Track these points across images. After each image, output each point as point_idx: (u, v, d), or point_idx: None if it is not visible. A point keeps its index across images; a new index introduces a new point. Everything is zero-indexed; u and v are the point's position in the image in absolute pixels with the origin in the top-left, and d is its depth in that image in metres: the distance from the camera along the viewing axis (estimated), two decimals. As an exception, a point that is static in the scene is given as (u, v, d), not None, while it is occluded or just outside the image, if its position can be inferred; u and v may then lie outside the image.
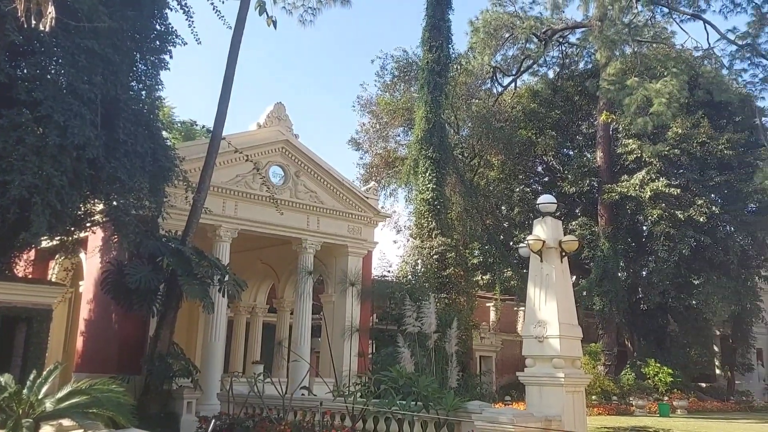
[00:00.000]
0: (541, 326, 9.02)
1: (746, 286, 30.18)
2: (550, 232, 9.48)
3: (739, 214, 29.03)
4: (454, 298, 23.98)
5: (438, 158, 25.10)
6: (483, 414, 8.28)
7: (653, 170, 27.89)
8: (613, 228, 29.58)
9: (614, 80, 24.98)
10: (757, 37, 25.86)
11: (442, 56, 25.47)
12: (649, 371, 27.41)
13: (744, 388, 32.86)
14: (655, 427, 17.57)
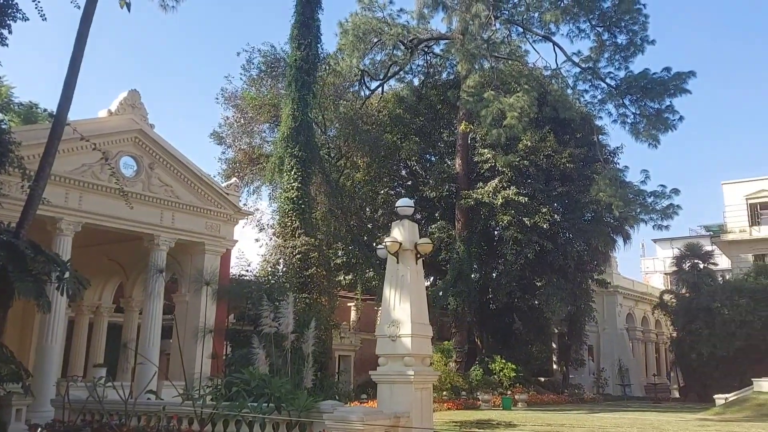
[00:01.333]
0: (395, 326, 9.28)
1: (581, 288, 33.16)
2: (406, 234, 9.78)
3: (577, 222, 31.76)
4: (315, 298, 24.00)
5: (304, 157, 25.00)
6: (334, 413, 8.34)
7: (505, 179, 29.74)
8: (468, 232, 31.15)
9: (473, 92, 26.32)
10: (598, 62, 28.52)
11: (310, 55, 25.41)
12: (495, 367, 29.21)
13: (577, 381, 36.13)
14: (498, 419, 18.74)
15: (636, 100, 28.33)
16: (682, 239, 46.49)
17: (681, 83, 27.04)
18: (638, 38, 27.14)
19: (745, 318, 31.36)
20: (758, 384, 24.31)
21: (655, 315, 44.38)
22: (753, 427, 18.24)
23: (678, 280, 37.56)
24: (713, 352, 31.87)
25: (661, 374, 46.70)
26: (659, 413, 24.12)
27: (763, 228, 38.29)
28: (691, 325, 33.63)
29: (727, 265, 41.10)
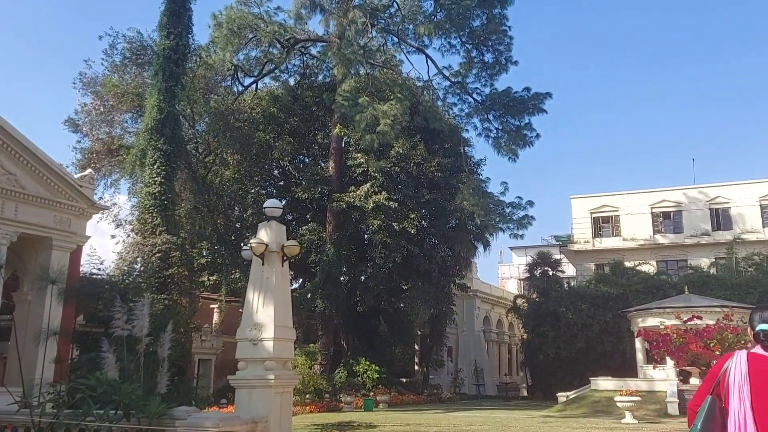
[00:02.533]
0: (257, 329, 9.10)
1: (444, 291, 34.56)
2: (273, 236, 9.64)
3: (443, 228, 33.09)
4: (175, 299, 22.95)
5: (169, 151, 23.86)
6: (188, 420, 8.01)
7: (377, 184, 30.30)
8: (339, 235, 31.35)
9: (348, 96, 26.60)
10: (466, 77, 30.00)
11: (180, 45, 24.35)
12: (359, 369, 29.62)
13: (436, 382, 37.57)
14: (359, 421, 19.00)
15: (499, 116, 30.13)
16: (535, 248, 50.08)
17: (539, 103, 29.16)
18: (503, 58, 28.90)
19: (586, 322, 34.36)
20: (595, 383, 26.69)
21: (509, 318, 47.40)
22: (588, 423, 19.98)
23: (530, 285, 40.39)
24: (557, 353, 34.58)
25: (512, 374, 49.92)
26: (508, 411, 25.71)
27: (604, 240, 42.19)
28: (539, 328, 36.27)
29: (572, 272, 44.82)
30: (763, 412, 3.10)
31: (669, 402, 22.65)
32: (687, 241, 39.90)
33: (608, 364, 31.31)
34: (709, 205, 40.52)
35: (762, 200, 39.35)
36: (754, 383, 3.17)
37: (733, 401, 3.19)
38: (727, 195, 40.19)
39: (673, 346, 10.70)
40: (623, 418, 20.18)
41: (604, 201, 43.12)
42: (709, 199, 40.60)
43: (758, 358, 3.28)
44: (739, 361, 3.26)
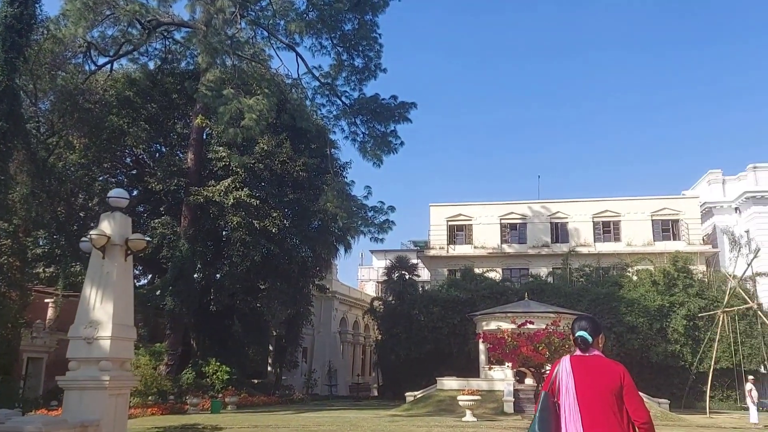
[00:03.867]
0: (93, 327, 8.51)
1: (302, 292, 34.44)
2: (117, 228, 9.07)
3: (305, 229, 32.97)
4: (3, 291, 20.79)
5: (4, 128, 21.58)
6: (7, 424, 7.29)
7: (238, 179, 29.50)
8: (194, 230, 30.09)
9: (212, 87, 25.63)
10: (336, 79, 30.14)
11: (25, 14, 22.13)
12: (209, 370, 28.63)
13: (289, 382, 37.32)
14: (205, 423, 18.34)
15: (366, 121, 30.60)
16: (395, 252, 51.50)
17: (404, 112, 30.02)
18: (373, 64, 29.42)
19: (436, 324, 35.92)
20: (440, 382, 27.96)
21: (365, 320, 48.29)
22: (432, 421, 20.87)
23: (387, 288, 41.44)
24: (408, 354, 35.81)
25: (365, 375, 50.89)
26: (358, 411, 26.17)
27: (458, 247, 44.36)
28: (393, 330, 37.34)
29: (428, 277, 46.66)
30: (586, 401, 3.77)
31: (506, 401, 24.30)
32: (530, 251, 43.07)
33: (455, 365, 32.94)
34: (550, 219, 44.09)
35: (595, 217, 43.52)
36: (577, 379, 3.83)
37: (563, 395, 3.85)
38: (565, 211, 43.96)
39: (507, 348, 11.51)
40: (464, 416, 21.31)
41: (459, 210, 45.35)
42: (551, 213, 44.17)
43: (578, 358, 3.96)
44: (565, 364, 3.95)
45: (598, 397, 3.78)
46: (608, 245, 42.35)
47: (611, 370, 3.88)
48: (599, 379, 3.83)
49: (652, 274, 36.13)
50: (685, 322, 33.43)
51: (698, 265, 38.81)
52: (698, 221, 42.50)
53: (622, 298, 34.97)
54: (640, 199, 43.54)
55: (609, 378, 3.83)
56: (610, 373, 3.85)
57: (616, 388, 3.79)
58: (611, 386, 3.80)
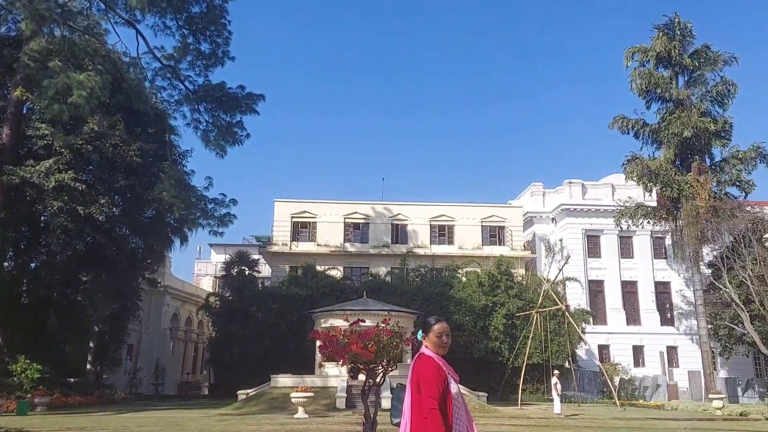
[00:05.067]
0: None
1: (130, 286, 32.30)
2: None
3: (137, 218, 30.98)
4: None
5: None
6: None
7: (62, 161, 26.97)
8: (7, 213, 27.03)
9: (37, 58, 23.13)
10: (180, 62, 28.64)
11: None
12: (16, 368, 25.87)
13: (111, 381, 34.80)
14: (8, 426, 16.54)
15: (211, 109, 29.46)
16: (235, 246, 50.15)
17: (252, 103, 29.33)
18: (220, 51, 28.38)
19: (274, 321, 35.58)
20: (275, 380, 27.74)
21: (199, 316, 46.44)
22: (263, 419, 20.65)
23: (225, 284, 40.25)
24: (244, 352, 35.07)
25: (196, 373, 48.99)
26: (186, 410, 25.14)
27: (301, 244, 44.28)
28: (229, 326, 36.36)
29: (269, 273, 46.04)
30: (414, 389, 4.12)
31: (338, 397, 24.74)
32: (371, 251, 44.23)
33: (292, 363, 32.84)
34: (392, 221, 45.64)
35: (432, 221, 45.80)
36: (413, 370, 4.22)
37: (407, 384, 4.25)
38: (406, 213, 45.78)
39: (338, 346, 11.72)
40: (296, 413, 21.35)
41: (304, 207, 45.33)
42: (392, 215, 45.73)
43: (419, 355, 4.32)
44: (414, 359, 4.30)
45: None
46: (443, 248, 44.77)
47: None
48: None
49: (479, 276, 38.82)
50: (505, 321, 36.33)
51: (519, 268, 42.43)
52: (521, 229, 46.40)
53: (451, 297, 37.17)
54: (472, 206, 46.56)
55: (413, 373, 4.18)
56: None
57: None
58: (414, 380, 4.14)
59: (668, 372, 42.09)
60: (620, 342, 43.44)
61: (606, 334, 43.57)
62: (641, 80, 38.31)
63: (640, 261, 46.04)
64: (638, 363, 43.15)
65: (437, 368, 4.20)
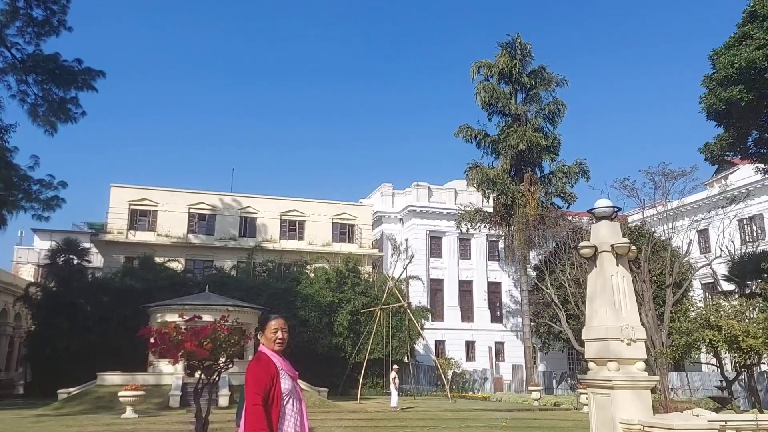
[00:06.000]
0: None
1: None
2: None
3: (-57, 196, 27.25)
4: None
5: None
6: None
7: None
8: None
9: None
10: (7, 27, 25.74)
11: None
12: None
13: None
14: None
15: (41, 82, 26.85)
16: (64, 233, 45.97)
17: (90, 79, 27.15)
18: (56, 19, 25.97)
19: (105, 314, 33.09)
20: (102, 378, 25.84)
21: (16, 308, 41.93)
22: (86, 419, 19.17)
23: (49, 273, 36.72)
24: (69, 347, 32.21)
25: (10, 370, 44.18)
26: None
27: (139, 233, 41.65)
28: (52, 320, 33.21)
29: (101, 263, 42.74)
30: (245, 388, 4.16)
31: (172, 395, 23.62)
32: (216, 243, 42.79)
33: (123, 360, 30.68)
34: (240, 213, 44.49)
35: (283, 215, 45.35)
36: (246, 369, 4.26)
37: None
38: (256, 206, 44.88)
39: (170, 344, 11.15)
40: (124, 413, 20.07)
41: (145, 194, 42.73)
42: (241, 207, 44.60)
43: (256, 353, 4.40)
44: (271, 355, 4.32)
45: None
46: (292, 243, 44.50)
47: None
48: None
49: (327, 273, 39.11)
50: (350, 317, 36.97)
51: (366, 266, 43.39)
52: (370, 227, 47.49)
53: (299, 293, 37.06)
54: (324, 203, 46.80)
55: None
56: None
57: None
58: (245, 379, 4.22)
59: (495, 366, 45.44)
60: (455, 338, 46.12)
61: (443, 330, 46.02)
62: (485, 94, 40.93)
63: (476, 262, 49.19)
64: (470, 357, 46.09)
65: (266, 365, 4.23)
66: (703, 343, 18.72)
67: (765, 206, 40.41)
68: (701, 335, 18.28)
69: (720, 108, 23.61)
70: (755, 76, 22.11)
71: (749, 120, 24.06)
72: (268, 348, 4.37)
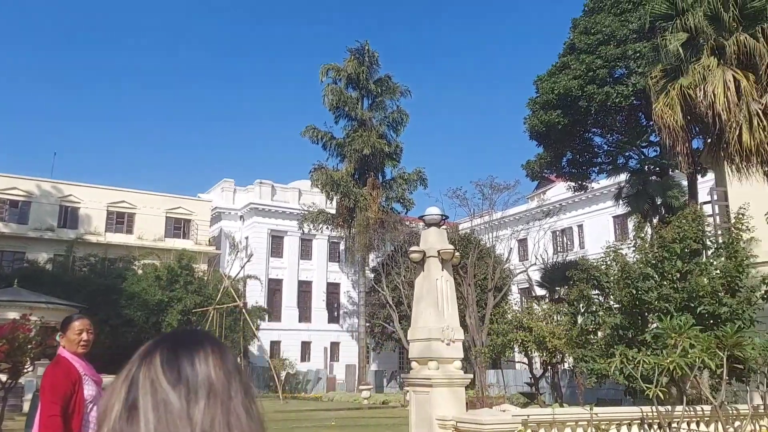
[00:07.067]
0: None
1: None
2: None
3: None
4: None
5: None
6: None
7: None
8: None
9: None
10: None
11: None
12: None
13: None
14: None
15: None
16: None
17: None
18: None
19: None
20: None
21: None
22: None
23: None
24: None
25: None
26: None
27: (-67, 218, 36.39)
28: None
29: None
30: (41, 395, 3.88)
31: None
32: (30, 233, 38.67)
33: None
34: (61, 202, 40.63)
35: (110, 206, 42.15)
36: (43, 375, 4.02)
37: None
38: (79, 195, 41.23)
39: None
40: None
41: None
42: (62, 195, 40.74)
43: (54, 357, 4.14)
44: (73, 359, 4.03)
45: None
46: (119, 236, 41.55)
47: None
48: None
49: (157, 269, 37.01)
50: (180, 317, 35.29)
51: (201, 264, 41.73)
52: (208, 224, 45.78)
53: (124, 291, 34.63)
54: (157, 195, 44.27)
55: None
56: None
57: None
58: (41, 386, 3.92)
59: (330, 366, 45.98)
60: (291, 338, 45.94)
61: (280, 330, 45.61)
62: (333, 96, 41.39)
63: (317, 263, 49.44)
64: (305, 358, 46.18)
65: (66, 370, 3.94)
66: (516, 343, 20.45)
67: (574, 220, 45.19)
68: (515, 336, 19.98)
69: (541, 129, 26.04)
70: (571, 103, 24.69)
71: (565, 142, 26.79)
72: (70, 351, 4.08)
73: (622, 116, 25.84)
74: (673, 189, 24.75)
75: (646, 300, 12.31)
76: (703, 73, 12.85)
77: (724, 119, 12.54)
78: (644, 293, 12.31)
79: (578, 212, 44.57)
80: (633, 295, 12.53)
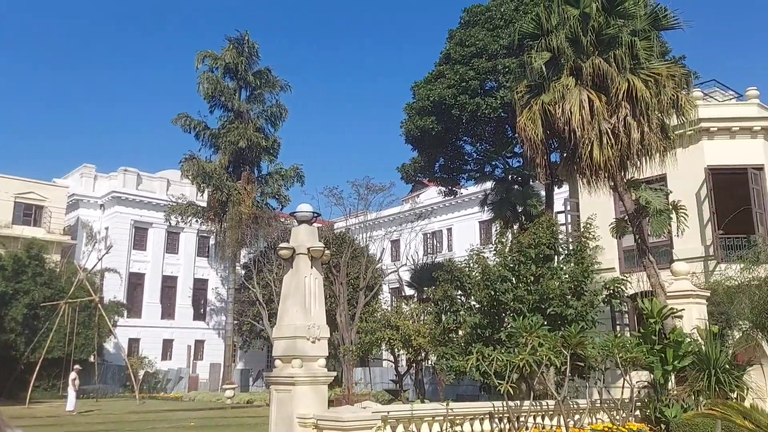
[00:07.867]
0: None
1: None
2: None
3: None
4: None
5: None
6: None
7: None
8: None
9: None
10: None
11: None
12: None
13: None
14: None
15: None
16: None
17: None
18: None
19: None
20: None
21: None
22: None
23: None
24: None
25: None
26: None
27: None
28: None
29: None
30: None
31: None
32: None
33: None
34: None
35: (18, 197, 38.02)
36: None
37: None
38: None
39: None
40: None
41: None
42: None
43: None
44: None
45: None
46: (-44, 221, 37.28)
47: None
48: None
49: (1, 258, 33.64)
50: (26, 311, 32.35)
51: (54, 254, 38.49)
52: (63, 211, 42.34)
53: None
54: (5, 178, 40.27)
55: None
56: None
57: None
58: None
59: (192, 365, 44.23)
60: (152, 335, 43.63)
61: (139, 327, 43.18)
62: (208, 85, 39.88)
63: (183, 257, 47.35)
64: (167, 356, 44.06)
65: None
66: (384, 341, 20.87)
67: (444, 224, 46.96)
68: (383, 334, 20.37)
69: (416, 134, 26.77)
70: (445, 110, 25.60)
71: (438, 148, 27.73)
72: None
73: (491, 127, 27.18)
74: (532, 198, 26.43)
75: (503, 301, 13.06)
76: (563, 91, 13.84)
77: (578, 135, 13.59)
78: (501, 294, 13.05)
79: (448, 216, 46.33)
80: (492, 296, 13.24)
